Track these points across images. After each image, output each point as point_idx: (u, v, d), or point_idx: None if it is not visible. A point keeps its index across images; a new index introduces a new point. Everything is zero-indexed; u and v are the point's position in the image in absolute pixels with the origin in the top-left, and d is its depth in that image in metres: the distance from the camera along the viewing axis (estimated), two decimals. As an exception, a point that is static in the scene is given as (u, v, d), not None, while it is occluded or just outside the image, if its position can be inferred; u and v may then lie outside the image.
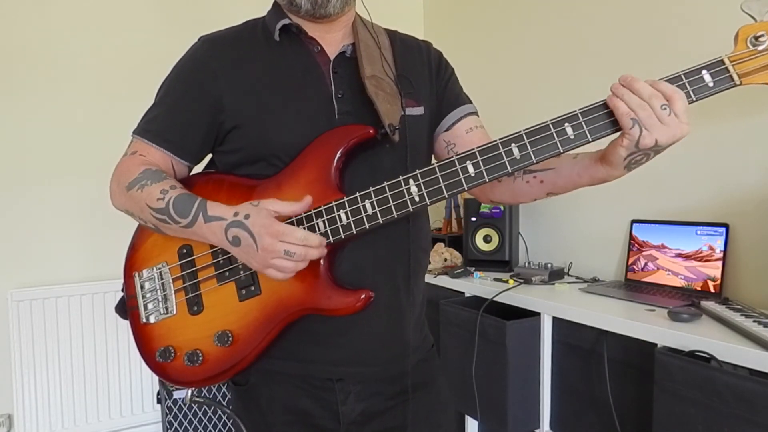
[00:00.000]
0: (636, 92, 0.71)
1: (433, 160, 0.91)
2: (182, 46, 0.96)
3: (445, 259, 2.25)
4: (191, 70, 0.92)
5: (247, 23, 0.97)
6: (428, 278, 2.10)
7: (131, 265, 0.94)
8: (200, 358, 0.87)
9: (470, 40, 2.66)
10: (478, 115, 1.03)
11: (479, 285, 1.90)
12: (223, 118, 0.89)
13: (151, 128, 0.92)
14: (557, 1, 2.15)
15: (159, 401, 2.22)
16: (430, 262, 2.29)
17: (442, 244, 2.33)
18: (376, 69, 0.91)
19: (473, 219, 2.16)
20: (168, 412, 2.15)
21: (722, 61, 0.72)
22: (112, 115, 2.27)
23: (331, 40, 0.94)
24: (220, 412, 2.17)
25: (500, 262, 2.12)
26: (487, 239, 2.15)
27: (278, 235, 0.76)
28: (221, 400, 2.14)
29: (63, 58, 2.25)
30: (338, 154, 0.85)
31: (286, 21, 0.91)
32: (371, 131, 0.85)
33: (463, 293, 1.97)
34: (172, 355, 0.88)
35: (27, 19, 2.19)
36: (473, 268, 2.12)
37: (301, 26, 0.92)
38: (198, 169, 0.99)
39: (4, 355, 2.15)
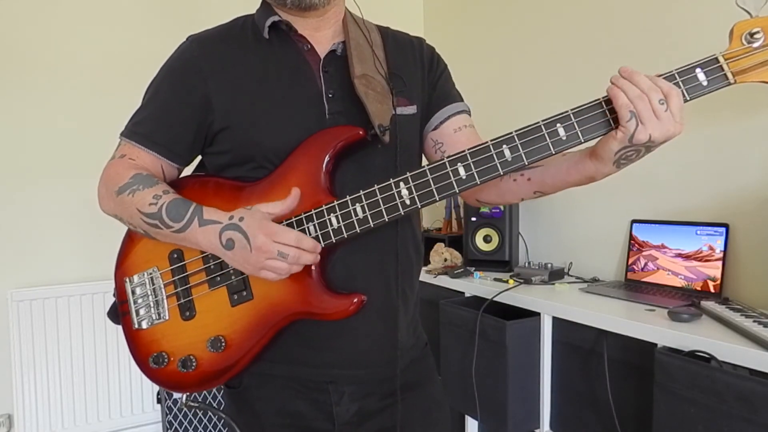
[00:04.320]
0: (636, 83, 0.70)
1: (424, 161, 0.90)
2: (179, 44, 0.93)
3: (445, 259, 2.25)
4: (179, 71, 0.90)
5: (236, 21, 0.95)
6: (428, 278, 2.10)
7: (122, 270, 0.93)
8: (194, 364, 0.86)
9: (470, 38, 2.66)
10: (469, 114, 1.01)
11: (479, 285, 1.90)
12: (212, 118, 0.88)
13: (139, 131, 0.90)
14: (557, -1, 2.16)
15: (159, 401, 2.22)
16: (429, 262, 2.29)
17: (442, 244, 2.33)
18: (367, 68, 0.89)
19: (473, 219, 2.16)
20: (168, 412, 2.15)
21: (716, 59, 0.70)
22: (112, 114, 2.26)
23: (321, 37, 0.92)
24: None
25: (500, 262, 2.12)
26: (487, 239, 2.15)
27: (272, 235, 0.76)
28: (212, 402, 2.14)
29: (59, 59, 2.25)
30: (327, 157, 0.83)
31: (275, 18, 0.89)
32: (360, 132, 0.84)
33: (463, 293, 1.97)
34: (166, 360, 0.88)
35: (27, 21, 2.19)
36: (473, 268, 2.11)
37: (291, 23, 0.90)
38: (188, 170, 0.98)
39: (4, 355, 2.15)
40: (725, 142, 1.59)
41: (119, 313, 0.93)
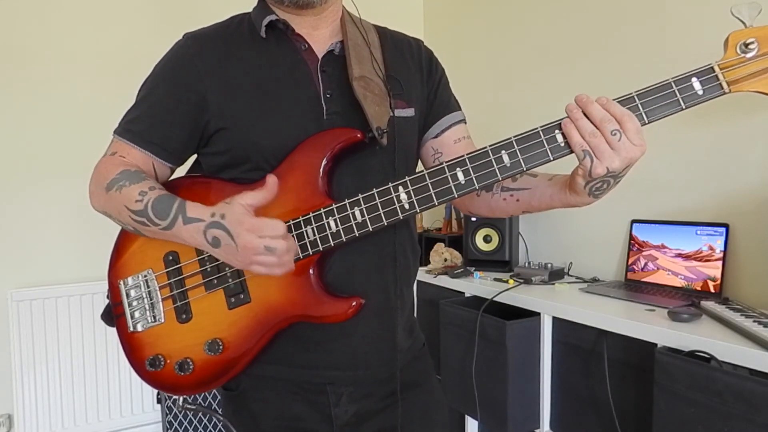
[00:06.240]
0: (589, 115, 0.71)
1: (420, 167, 0.89)
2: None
3: (445, 259, 2.25)
4: (175, 68, 0.89)
5: (232, 19, 0.94)
6: (428, 278, 2.10)
7: (116, 272, 0.91)
8: (191, 367, 0.86)
9: (470, 40, 2.66)
10: (466, 123, 1.02)
11: (479, 285, 1.90)
12: (208, 118, 0.87)
13: (132, 128, 0.90)
14: (557, 0, 2.16)
15: (159, 401, 2.22)
16: (429, 262, 2.29)
17: (442, 244, 2.33)
18: (365, 69, 0.88)
19: (473, 219, 2.15)
20: (168, 412, 2.15)
21: (712, 69, 0.70)
22: (112, 114, 2.26)
23: (319, 37, 0.91)
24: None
25: (500, 262, 2.12)
26: (487, 239, 2.15)
27: (255, 230, 0.74)
28: (212, 402, 2.14)
29: (59, 59, 2.24)
30: (325, 160, 0.83)
31: (272, 17, 0.89)
32: (358, 135, 0.83)
33: (463, 293, 1.97)
34: (162, 363, 0.87)
35: (27, 21, 2.19)
36: (473, 268, 2.11)
37: (288, 22, 0.89)
38: (183, 170, 0.97)
39: (4, 355, 2.15)
40: (725, 142, 1.59)
41: (113, 315, 0.92)
